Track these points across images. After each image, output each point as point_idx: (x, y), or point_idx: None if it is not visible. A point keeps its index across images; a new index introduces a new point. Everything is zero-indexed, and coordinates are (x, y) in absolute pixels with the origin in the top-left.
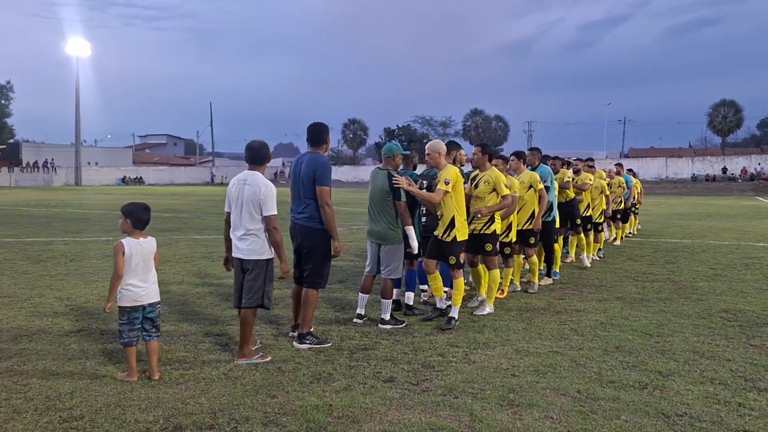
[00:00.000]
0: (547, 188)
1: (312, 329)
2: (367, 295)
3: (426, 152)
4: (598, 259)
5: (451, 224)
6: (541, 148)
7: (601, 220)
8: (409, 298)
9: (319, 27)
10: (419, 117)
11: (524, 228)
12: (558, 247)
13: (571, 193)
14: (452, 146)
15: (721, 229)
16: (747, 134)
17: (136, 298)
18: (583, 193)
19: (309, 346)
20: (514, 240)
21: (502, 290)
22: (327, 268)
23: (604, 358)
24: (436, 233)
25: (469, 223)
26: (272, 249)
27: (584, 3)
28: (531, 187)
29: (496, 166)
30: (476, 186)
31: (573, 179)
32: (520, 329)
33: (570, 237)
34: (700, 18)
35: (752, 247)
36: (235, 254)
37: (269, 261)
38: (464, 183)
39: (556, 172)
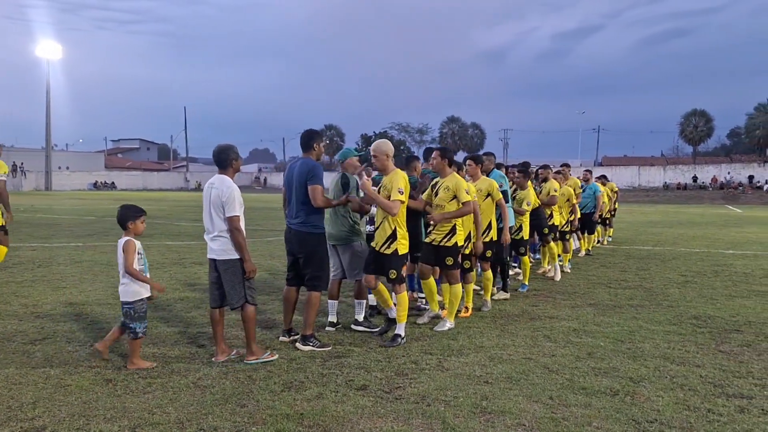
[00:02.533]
0: (504, 192)
1: (315, 332)
2: (336, 301)
3: (372, 153)
4: (567, 270)
5: (393, 236)
6: (518, 156)
7: (568, 229)
8: (372, 299)
9: (297, 34)
10: (396, 124)
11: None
12: (527, 260)
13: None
14: (411, 159)
15: (691, 237)
16: (717, 143)
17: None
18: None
19: (311, 348)
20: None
21: (467, 308)
22: (327, 270)
23: (577, 364)
24: (374, 245)
25: (428, 234)
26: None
27: (558, 13)
28: (489, 195)
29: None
30: (436, 194)
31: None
32: (493, 336)
33: (540, 248)
34: (669, 30)
35: (722, 254)
36: (209, 255)
37: (241, 260)
38: (417, 190)
39: (546, 180)
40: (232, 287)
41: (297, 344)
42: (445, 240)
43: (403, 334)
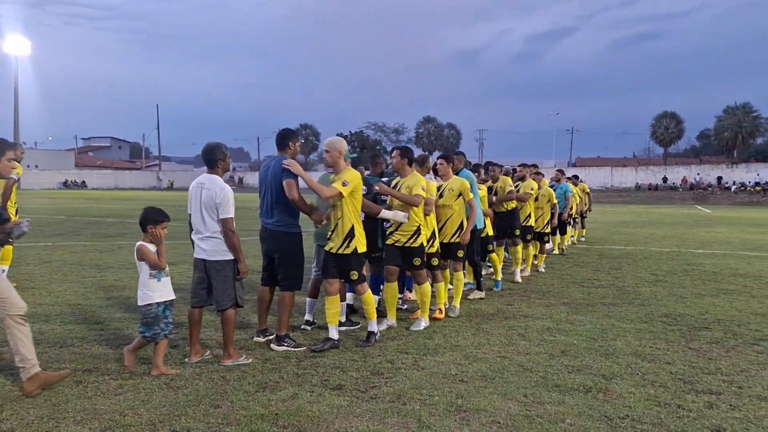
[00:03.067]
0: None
1: (289, 332)
2: (315, 300)
3: (325, 149)
4: (542, 271)
5: (350, 234)
6: (493, 157)
7: (548, 230)
8: (350, 298)
9: (272, 32)
10: (372, 123)
11: (451, 240)
12: (496, 257)
13: (511, 204)
14: (376, 157)
15: (662, 237)
16: (687, 145)
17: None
18: (527, 202)
19: (286, 348)
20: (439, 250)
21: (440, 309)
22: (301, 270)
23: (550, 362)
24: (330, 248)
25: (391, 234)
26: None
27: (531, 15)
28: (460, 195)
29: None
30: (400, 190)
31: (516, 186)
32: (469, 335)
33: (511, 248)
34: (641, 33)
35: (692, 253)
36: (198, 255)
37: (235, 261)
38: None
39: (495, 180)
40: (222, 288)
41: (272, 345)
42: (411, 241)
43: (376, 331)
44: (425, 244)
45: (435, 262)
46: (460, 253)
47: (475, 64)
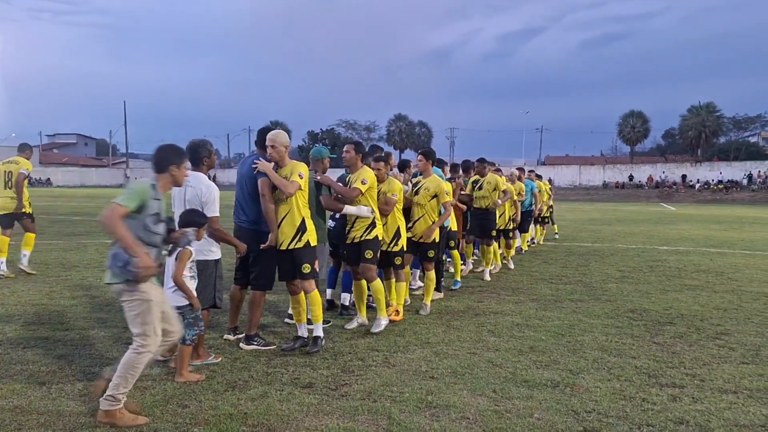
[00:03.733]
0: None
1: (259, 331)
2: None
3: (269, 144)
4: (512, 267)
5: (302, 228)
6: (464, 155)
7: (511, 227)
8: (345, 298)
9: (242, 28)
10: (343, 121)
11: (422, 240)
12: (457, 254)
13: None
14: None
15: (629, 234)
16: (653, 144)
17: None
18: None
19: (256, 347)
20: (404, 248)
21: (398, 311)
22: (273, 269)
23: (519, 358)
24: (281, 245)
25: (349, 231)
26: (217, 250)
27: (502, 14)
28: (436, 196)
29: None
30: (349, 185)
31: (477, 183)
32: (439, 332)
33: (482, 246)
34: (608, 34)
35: (657, 250)
36: None
37: (217, 261)
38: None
39: (483, 175)
40: (203, 288)
41: (240, 344)
42: (365, 234)
43: (322, 335)
44: (380, 236)
45: (398, 261)
46: (431, 253)
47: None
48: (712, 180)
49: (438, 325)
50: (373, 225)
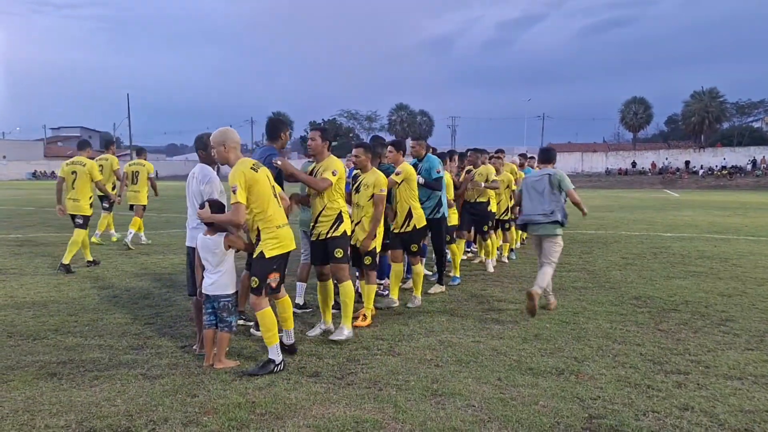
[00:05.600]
0: (437, 179)
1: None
2: (305, 284)
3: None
4: (507, 261)
5: (339, 219)
6: (466, 143)
7: (507, 218)
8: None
9: (245, 19)
10: (345, 111)
11: (402, 231)
12: (456, 248)
13: (485, 195)
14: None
15: (632, 221)
16: (656, 130)
17: (204, 288)
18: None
19: (244, 322)
20: (376, 248)
21: (364, 315)
22: None
23: (524, 346)
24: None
25: (313, 227)
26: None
27: (502, 2)
28: (404, 181)
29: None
30: (315, 176)
31: (469, 172)
32: (443, 320)
33: (479, 240)
34: (609, 19)
35: (660, 237)
36: (189, 243)
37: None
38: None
39: (476, 165)
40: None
41: (251, 330)
42: (332, 230)
43: (277, 360)
44: (349, 232)
45: (368, 261)
46: (414, 248)
47: (447, 51)
48: (716, 166)
49: (442, 314)
50: (340, 219)
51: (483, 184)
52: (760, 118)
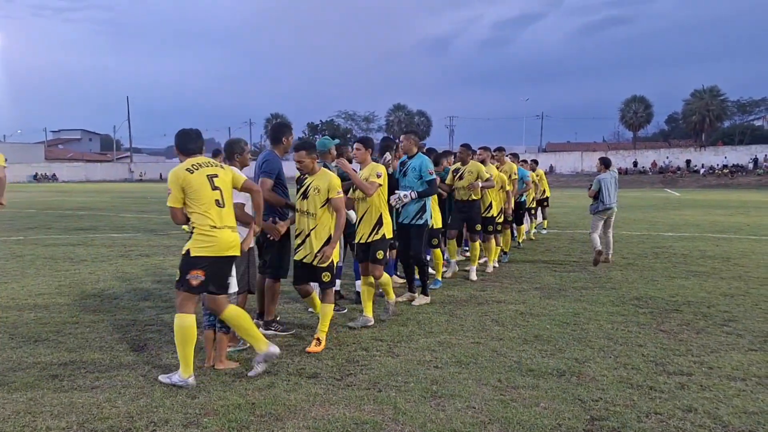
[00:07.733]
0: (430, 182)
1: (278, 317)
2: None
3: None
4: (492, 268)
5: (379, 222)
6: (465, 143)
7: (501, 220)
8: (358, 285)
9: (242, 21)
10: (342, 112)
11: (369, 240)
12: (439, 253)
13: (475, 194)
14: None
15: (632, 220)
16: (656, 129)
17: None
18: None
19: (274, 332)
20: (333, 263)
21: (318, 339)
22: (286, 258)
23: (524, 347)
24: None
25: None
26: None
27: (500, 1)
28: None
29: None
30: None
31: (457, 171)
32: (442, 321)
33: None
34: (608, 18)
35: (661, 236)
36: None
37: (251, 249)
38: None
39: (465, 163)
40: (239, 274)
41: (260, 329)
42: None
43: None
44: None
45: (326, 277)
46: (380, 255)
47: (445, 51)
48: (717, 165)
49: (441, 315)
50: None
51: (480, 184)
52: (761, 116)
